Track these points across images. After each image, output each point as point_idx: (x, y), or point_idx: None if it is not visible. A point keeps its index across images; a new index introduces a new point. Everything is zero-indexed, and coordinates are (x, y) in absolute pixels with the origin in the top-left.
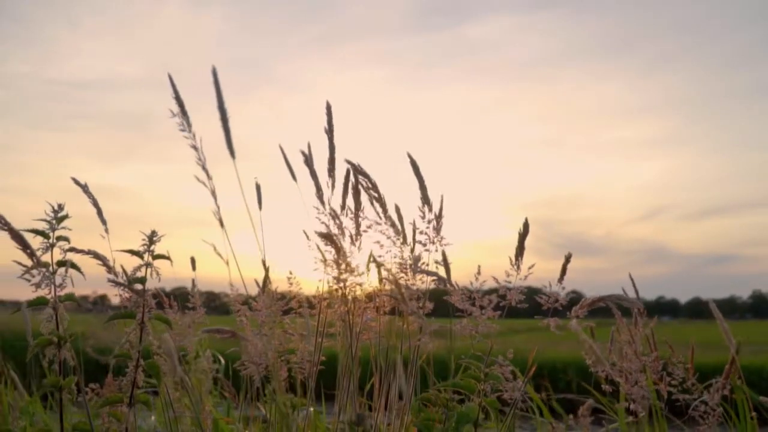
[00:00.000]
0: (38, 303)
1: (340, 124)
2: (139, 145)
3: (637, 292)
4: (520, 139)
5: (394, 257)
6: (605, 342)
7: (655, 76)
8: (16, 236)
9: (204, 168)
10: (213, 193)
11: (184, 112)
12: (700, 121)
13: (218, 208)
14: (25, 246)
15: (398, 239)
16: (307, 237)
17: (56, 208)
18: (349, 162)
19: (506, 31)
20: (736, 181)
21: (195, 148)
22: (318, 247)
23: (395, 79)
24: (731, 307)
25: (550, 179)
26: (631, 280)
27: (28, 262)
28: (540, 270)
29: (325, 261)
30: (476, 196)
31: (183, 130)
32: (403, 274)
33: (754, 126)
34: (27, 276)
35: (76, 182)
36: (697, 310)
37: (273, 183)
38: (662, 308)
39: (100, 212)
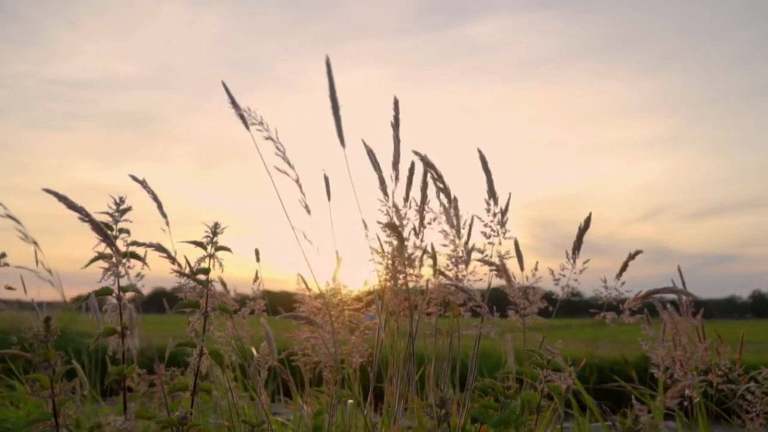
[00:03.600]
0: (104, 293)
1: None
2: (139, 145)
3: (684, 285)
4: (520, 139)
5: (448, 248)
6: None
7: (655, 76)
8: (97, 227)
9: (284, 157)
10: (297, 181)
11: (235, 103)
12: (700, 121)
13: (304, 195)
14: (105, 236)
15: (453, 231)
16: (366, 226)
17: (118, 201)
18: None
19: (506, 31)
20: (736, 181)
21: (272, 139)
22: (373, 239)
23: (395, 78)
24: (731, 307)
25: (550, 179)
26: (680, 272)
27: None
28: (541, 269)
29: (390, 251)
30: (475, 197)
31: (251, 122)
32: (455, 267)
33: (754, 126)
34: (102, 264)
35: (134, 179)
36: (697, 310)
37: (269, 182)
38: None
39: (160, 206)
